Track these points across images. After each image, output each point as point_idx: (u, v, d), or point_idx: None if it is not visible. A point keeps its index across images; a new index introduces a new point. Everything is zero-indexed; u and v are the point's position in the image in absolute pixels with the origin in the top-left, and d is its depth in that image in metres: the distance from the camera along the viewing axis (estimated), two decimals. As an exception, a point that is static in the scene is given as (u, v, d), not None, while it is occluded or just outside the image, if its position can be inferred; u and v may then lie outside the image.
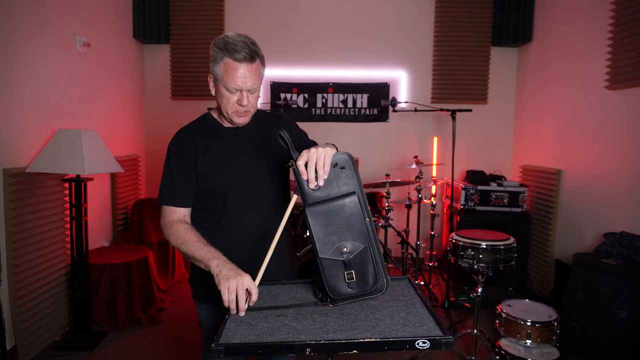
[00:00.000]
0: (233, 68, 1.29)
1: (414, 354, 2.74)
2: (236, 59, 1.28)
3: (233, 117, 1.38)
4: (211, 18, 4.48)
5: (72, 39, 3.23)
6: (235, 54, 1.28)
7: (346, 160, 1.19)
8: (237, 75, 1.29)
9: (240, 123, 1.42)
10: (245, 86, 1.31)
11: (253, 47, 1.30)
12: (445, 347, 0.99)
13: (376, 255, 1.19)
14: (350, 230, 1.17)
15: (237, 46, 1.28)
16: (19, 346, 2.57)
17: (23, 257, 2.61)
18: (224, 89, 1.33)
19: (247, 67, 1.29)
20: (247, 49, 1.28)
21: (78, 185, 2.82)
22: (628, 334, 2.30)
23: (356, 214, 1.18)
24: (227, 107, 1.35)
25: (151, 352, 2.80)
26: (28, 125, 2.76)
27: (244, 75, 1.30)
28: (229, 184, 1.42)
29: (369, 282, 1.18)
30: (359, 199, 1.18)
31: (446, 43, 4.45)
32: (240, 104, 1.34)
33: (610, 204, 3.02)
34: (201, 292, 1.52)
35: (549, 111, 3.88)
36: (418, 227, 3.87)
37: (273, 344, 1.00)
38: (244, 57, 1.28)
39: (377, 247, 1.20)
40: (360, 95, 4.54)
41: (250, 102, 1.35)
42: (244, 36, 1.31)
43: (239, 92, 1.33)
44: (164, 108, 4.61)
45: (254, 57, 1.30)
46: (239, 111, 1.36)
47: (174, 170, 1.42)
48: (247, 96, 1.33)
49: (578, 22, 3.45)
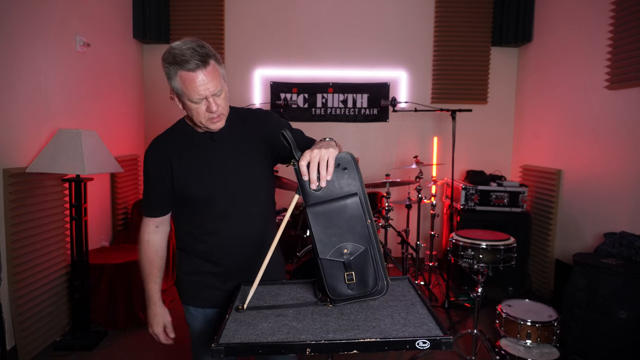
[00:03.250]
0: (190, 79, 1.24)
1: (414, 354, 2.74)
2: (189, 69, 1.23)
3: (209, 125, 1.35)
4: (211, 18, 4.48)
5: (72, 39, 3.22)
6: (187, 65, 1.23)
7: (349, 160, 1.18)
8: (197, 84, 1.25)
9: (216, 128, 1.37)
10: (209, 92, 1.27)
11: (202, 50, 1.25)
12: (446, 347, 0.99)
13: (377, 257, 1.18)
14: (351, 231, 1.16)
15: (185, 56, 1.23)
16: (19, 346, 2.57)
17: (23, 257, 2.60)
18: (189, 102, 1.29)
19: (203, 73, 1.24)
20: (196, 55, 1.23)
21: (78, 185, 2.82)
22: (628, 334, 2.30)
23: (357, 216, 1.16)
24: (200, 118, 1.32)
25: (151, 352, 2.80)
26: (28, 125, 2.76)
27: (204, 82, 1.25)
28: (208, 191, 1.40)
29: (369, 284, 1.17)
30: (361, 200, 1.17)
31: (446, 43, 4.45)
32: (210, 111, 1.30)
33: (610, 204, 3.02)
34: (187, 294, 1.55)
35: (549, 111, 3.88)
36: (418, 227, 3.87)
37: (273, 344, 1.00)
38: (197, 65, 1.23)
39: (378, 249, 1.19)
40: (360, 95, 4.54)
41: (220, 105, 1.32)
42: (189, 42, 1.25)
43: (204, 99, 1.28)
44: (164, 108, 4.61)
45: (206, 60, 1.25)
46: (212, 118, 1.32)
47: (147, 181, 1.45)
48: (214, 101, 1.29)
49: (578, 22, 3.45)
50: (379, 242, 1.23)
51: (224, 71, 1.35)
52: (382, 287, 1.20)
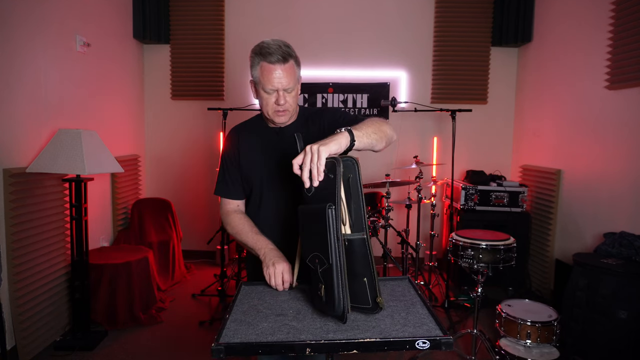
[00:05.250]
0: (268, 70, 1.39)
1: (414, 354, 2.74)
2: (270, 61, 1.38)
3: (274, 117, 1.47)
4: (211, 18, 4.48)
5: (72, 39, 3.23)
6: (269, 57, 1.38)
7: (332, 167, 1.08)
8: (273, 76, 1.39)
9: (280, 122, 1.50)
10: (281, 86, 1.40)
11: (286, 49, 1.40)
12: (445, 347, 0.99)
13: (339, 279, 1.06)
14: (322, 242, 1.08)
15: (270, 49, 1.38)
16: (19, 346, 2.57)
17: (23, 257, 2.60)
18: (263, 91, 1.43)
19: (281, 67, 1.38)
20: (280, 51, 1.38)
21: (78, 185, 2.82)
22: (628, 334, 2.29)
23: (323, 230, 1.07)
24: (267, 108, 1.46)
25: (151, 352, 2.80)
26: (28, 125, 2.76)
27: (279, 76, 1.39)
28: (263, 179, 1.53)
29: (333, 304, 1.07)
30: (329, 216, 1.05)
31: (446, 43, 4.45)
32: (277, 103, 1.43)
33: (610, 204, 3.02)
34: (252, 277, 1.63)
35: (549, 111, 3.88)
36: (418, 227, 3.87)
37: (273, 343, 1.00)
38: (277, 59, 1.37)
39: (341, 270, 1.07)
40: (360, 95, 4.54)
41: (288, 102, 1.44)
42: (279, 40, 1.42)
43: (275, 92, 1.42)
44: (164, 108, 4.61)
45: (287, 58, 1.39)
46: (278, 110, 1.45)
47: (223, 164, 1.60)
48: (283, 95, 1.42)
49: (578, 21, 3.45)
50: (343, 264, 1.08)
51: (300, 75, 1.49)
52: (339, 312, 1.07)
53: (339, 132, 1.18)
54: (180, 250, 4.25)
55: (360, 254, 1.12)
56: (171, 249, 4.02)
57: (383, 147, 1.35)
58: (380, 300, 1.11)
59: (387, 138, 1.35)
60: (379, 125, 1.33)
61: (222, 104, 4.51)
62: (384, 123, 1.37)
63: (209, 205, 4.73)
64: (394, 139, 1.42)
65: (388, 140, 1.36)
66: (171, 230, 4.16)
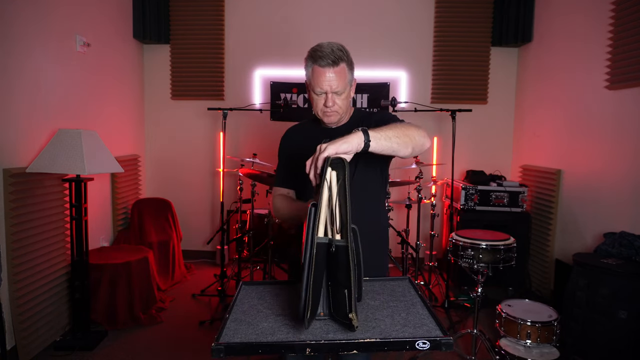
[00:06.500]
0: (318, 73, 1.44)
1: (414, 354, 2.74)
2: (321, 65, 1.42)
3: (323, 118, 1.52)
4: (211, 18, 4.48)
5: (72, 39, 3.23)
6: (320, 61, 1.42)
7: (322, 172, 1.06)
8: (322, 79, 1.43)
9: (328, 122, 1.54)
10: (330, 88, 1.44)
11: (338, 53, 1.43)
12: (445, 347, 0.99)
13: (308, 280, 1.02)
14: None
15: (322, 53, 1.42)
16: (19, 346, 2.57)
17: (23, 257, 2.60)
18: (312, 93, 1.49)
19: (330, 71, 1.42)
20: (332, 55, 1.41)
21: (78, 185, 2.82)
22: (628, 334, 2.29)
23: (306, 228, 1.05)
24: (317, 109, 1.51)
25: (151, 352, 2.80)
26: (28, 125, 2.76)
27: (328, 79, 1.42)
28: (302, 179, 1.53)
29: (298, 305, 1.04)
30: (310, 214, 1.05)
31: (446, 43, 4.45)
32: (325, 105, 1.47)
33: (610, 204, 3.02)
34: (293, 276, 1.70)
35: (549, 111, 3.88)
36: (418, 227, 3.87)
37: (273, 343, 1.00)
38: (327, 63, 1.41)
39: (310, 273, 1.03)
40: (360, 95, 4.54)
41: (337, 104, 1.47)
42: (334, 44, 1.45)
43: (324, 94, 1.46)
44: (164, 108, 4.61)
45: (337, 62, 1.42)
46: (326, 112, 1.49)
47: (280, 159, 1.69)
48: (332, 97, 1.45)
49: (578, 22, 3.45)
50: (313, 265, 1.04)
51: (353, 77, 1.52)
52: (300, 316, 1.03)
53: (355, 131, 1.16)
54: (180, 250, 4.25)
55: (342, 263, 1.06)
56: (171, 249, 4.02)
57: (409, 153, 1.27)
58: (353, 317, 1.02)
59: (413, 144, 1.27)
60: (404, 129, 1.27)
61: (222, 104, 4.51)
62: (412, 128, 1.30)
63: (209, 205, 4.73)
64: (425, 147, 1.33)
65: (415, 146, 1.28)
66: (171, 230, 4.16)
